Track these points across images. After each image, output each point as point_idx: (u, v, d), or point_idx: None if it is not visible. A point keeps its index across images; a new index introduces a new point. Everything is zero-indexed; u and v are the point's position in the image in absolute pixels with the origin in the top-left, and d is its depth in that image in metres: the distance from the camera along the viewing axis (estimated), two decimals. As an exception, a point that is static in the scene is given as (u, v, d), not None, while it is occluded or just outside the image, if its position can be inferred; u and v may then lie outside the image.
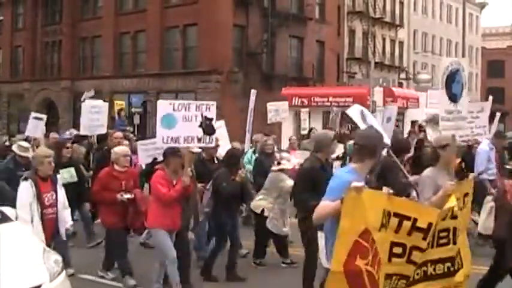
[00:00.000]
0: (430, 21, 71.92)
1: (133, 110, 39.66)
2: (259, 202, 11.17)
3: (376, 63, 46.56)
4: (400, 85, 55.10)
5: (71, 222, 9.59)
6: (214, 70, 38.49)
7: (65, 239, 9.24)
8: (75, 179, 12.24)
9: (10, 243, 7.02)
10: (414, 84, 48.33)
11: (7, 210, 8.08)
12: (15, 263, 6.64)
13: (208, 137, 9.70)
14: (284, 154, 12.43)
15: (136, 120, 37.61)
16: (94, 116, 16.24)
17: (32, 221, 8.36)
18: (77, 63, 48.52)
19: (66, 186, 10.16)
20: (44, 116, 19.91)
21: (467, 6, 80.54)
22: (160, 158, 11.45)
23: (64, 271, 7.17)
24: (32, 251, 7.08)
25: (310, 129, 23.03)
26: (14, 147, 12.20)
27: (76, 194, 11.67)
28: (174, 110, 9.40)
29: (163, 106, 9.56)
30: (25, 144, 12.36)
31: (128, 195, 9.73)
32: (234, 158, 10.89)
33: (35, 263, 6.84)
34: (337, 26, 50.92)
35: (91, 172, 13.68)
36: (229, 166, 10.51)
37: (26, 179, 8.67)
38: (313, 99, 33.28)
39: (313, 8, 46.02)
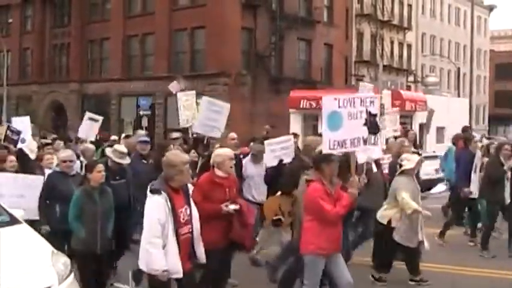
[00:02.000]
0: (438, 24, 71.82)
1: (141, 112, 39.73)
2: (386, 212, 9.86)
3: (384, 66, 46.50)
4: (408, 88, 55.06)
5: None
6: (223, 73, 38.52)
7: (203, 261, 7.07)
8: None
9: (19, 246, 7.03)
10: (422, 87, 48.23)
11: (16, 212, 8.04)
12: (24, 265, 6.63)
13: (373, 137, 8.31)
14: (405, 154, 10.72)
15: (145, 122, 37.68)
16: (212, 115, 13.78)
17: (164, 245, 6.45)
18: (85, 65, 48.68)
19: None
20: (100, 118, 18.33)
21: (476, 9, 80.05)
22: (287, 160, 11.02)
23: (72, 274, 7.13)
24: (40, 253, 7.06)
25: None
26: (109, 152, 10.49)
27: None
28: (339, 106, 7.91)
29: (328, 102, 7.98)
30: (122, 149, 10.71)
31: (233, 206, 8.05)
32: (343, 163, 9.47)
33: (44, 266, 6.82)
34: (345, 29, 50.87)
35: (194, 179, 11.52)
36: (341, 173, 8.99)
37: (157, 191, 6.51)
38: (321, 102, 33.11)
39: (322, 11, 46.03)
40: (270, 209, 10.42)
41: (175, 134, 17.68)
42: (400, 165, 9.90)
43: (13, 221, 7.77)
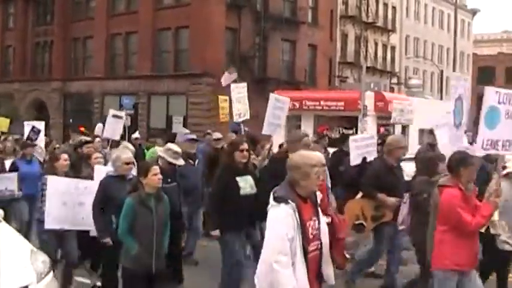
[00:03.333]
0: (422, 26, 72.08)
1: (124, 111, 39.48)
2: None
3: (368, 67, 46.41)
4: (392, 90, 55.15)
5: None
6: (206, 73, 38.37)
7: (331, 283, 5.83)
8: (255, 190, 8.80)
9: None
10: (405, 89, 48.34)
11: None
12: (2, 263, 6.54)
13: None
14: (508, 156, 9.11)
15: (128, 122, 37.41)
16: (277, 112, 12.53)
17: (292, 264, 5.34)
18: (68, 64, 48.32)
19: (242, 199, 8.42)
20: (123, 114, 17.41)
21: (459, 13, 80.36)
22: (370, 158, 10.37)
23: (52, 272, 7.05)
24: (19, 252, 6.99)
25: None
26: (162, 153, 9.65)
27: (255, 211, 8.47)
28: (499, 102, 7.10)
29: (490, 94, 7.13)
30: (177, 148, 9.80)
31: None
32: (432, 161, 8.54)
33: (22, 264, 6.76)
34: (329, 30, 50.89)
35: None
36: (428, 173, 8.28)
37: (284, 200, 5.33)
38: (305, 102, 33.13)
39: (306, 12, 46.06)
40: (351, 213, 9.55)
41: (219, 135, 15.15)
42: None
43: None
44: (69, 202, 8.89)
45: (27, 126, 16.25)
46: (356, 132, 22.70)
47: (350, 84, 48.29)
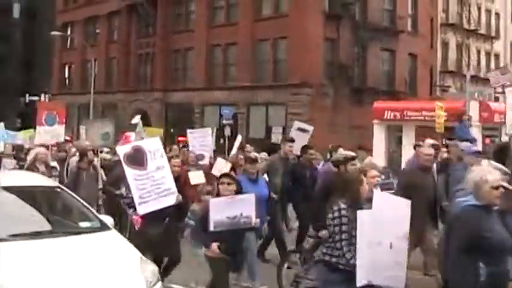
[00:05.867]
0: (527, 33, 69.72)
1: (224, 121, 39.92)
2: None
3: (471, 76, 45.49)
4: (497, 99, 53.55)
5: None
6: (305, 83, 38.44)
7: None
8: None
9: (108, 252, 7.16)
10: None
11: (105, 218, 8.19)
12: (113, 272, 6.70)
13: None
14: None
15: (227, 132, 37.83)
16: None
17: None
18: (169, 74, 49.43)
19: None
20: (311, 128, 16.92)
21: None
22: None
23: (160, 282, 7.16)
24: (129, 261, 7.09)
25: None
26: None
27: None
28: None
29: None
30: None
31: None
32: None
33: (132, 273, 6.87)
34: (430, 39, 50.01)
35: None
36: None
37: None
38: (406, 113, 32.59)
39: (406, 21, 45.33)
40: None
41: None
42: None
43: (103, 227, 7.90)
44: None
45: (191, 135, 17.28)
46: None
47: (452, 93, 47.28)
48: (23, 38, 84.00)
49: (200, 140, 17.63)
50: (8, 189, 8.06)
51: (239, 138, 18.28)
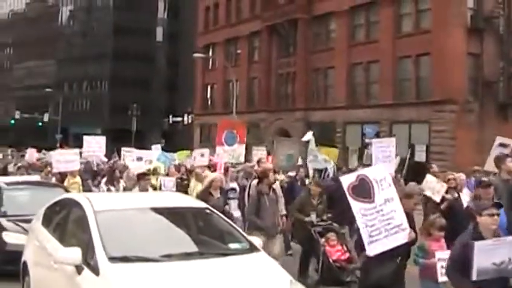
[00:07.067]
0: None
1: (367, 140, 40.25)
2: None
3: None
4: None
5: None
6: (449, 100, 38.05)
7: None
8: None
9: (257, 274, 7.18)
10: None
11: (254, 240, 8.19)
12: None
13: None
14: None
15: (370, 151, 38.10)
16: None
17: None
18: (310, 93, 50.23)
19: None
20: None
21: None
22: None
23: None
24: (278, 282, 7.04)
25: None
26: None
27: None
28: None
29: None
30: None
31: None
32: None
33: None
34: None
35: None
36: None
37: None
38: None
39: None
40: None
41: None
42: None
43: (252, 248, 7.87)
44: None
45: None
46: None
47: None
48: (166, 60, 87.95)
49: (381, 150, 16.57)
50: (158, 210, 8.47)
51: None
